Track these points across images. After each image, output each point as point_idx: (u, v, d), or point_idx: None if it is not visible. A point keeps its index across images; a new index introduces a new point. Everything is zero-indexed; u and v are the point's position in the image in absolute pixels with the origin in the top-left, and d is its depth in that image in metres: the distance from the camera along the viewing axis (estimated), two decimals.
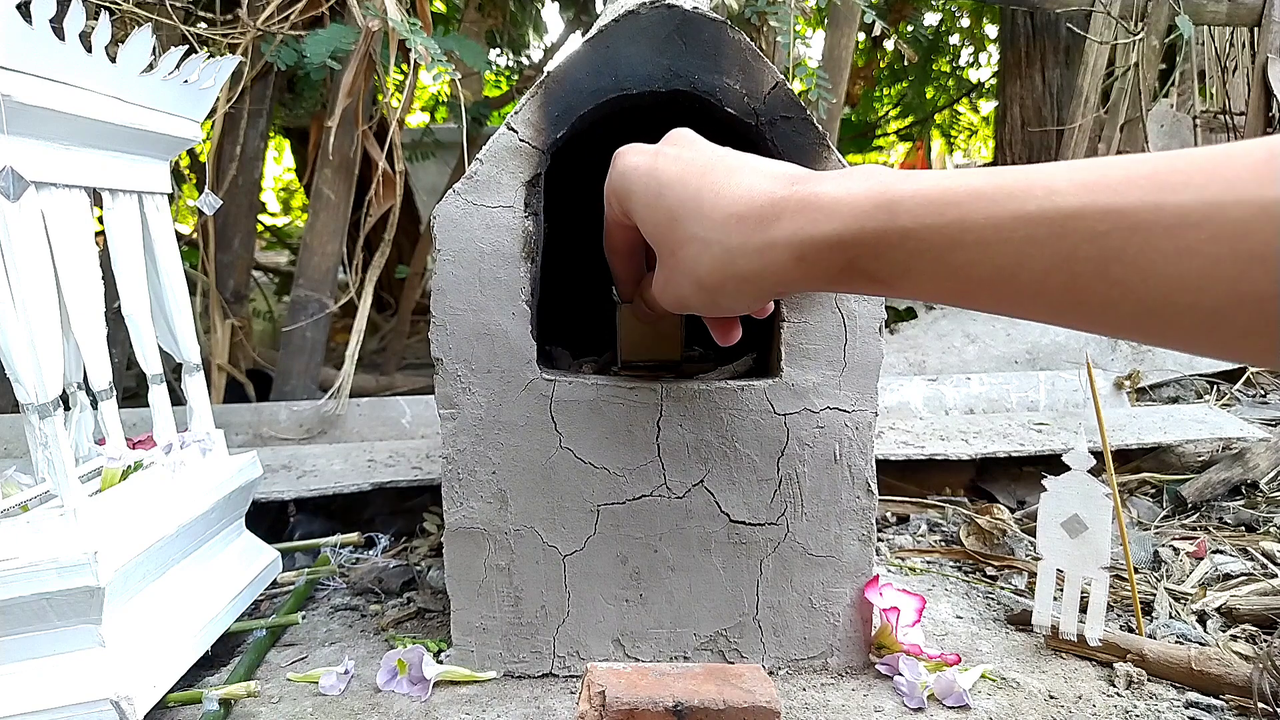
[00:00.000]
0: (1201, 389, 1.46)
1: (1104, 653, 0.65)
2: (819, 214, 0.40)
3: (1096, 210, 0.31)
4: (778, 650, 0.63)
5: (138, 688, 0.55)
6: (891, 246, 0.37)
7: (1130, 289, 0.31)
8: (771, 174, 0.44)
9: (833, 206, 0.39)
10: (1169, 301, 0.30)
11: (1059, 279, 0.33)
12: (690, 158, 0.48)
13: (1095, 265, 0.32)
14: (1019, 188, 0.34)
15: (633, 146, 0.51)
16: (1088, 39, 1.84)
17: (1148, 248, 0.30)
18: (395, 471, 0.94)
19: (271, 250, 2.86)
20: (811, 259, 0.41)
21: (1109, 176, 0.32)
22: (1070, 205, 0.32)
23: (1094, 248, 0.31)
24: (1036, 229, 0.33)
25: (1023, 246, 0.33)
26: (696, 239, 0.45)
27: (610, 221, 0.54)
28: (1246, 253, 0.28)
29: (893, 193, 0.37)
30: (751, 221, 0.42)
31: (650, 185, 0.48)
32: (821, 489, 0.62)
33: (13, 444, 1.04)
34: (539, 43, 2.34)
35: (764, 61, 0.58)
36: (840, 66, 1.68)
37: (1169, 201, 0.30)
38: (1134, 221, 0.30)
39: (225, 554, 0.71)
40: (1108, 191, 0.31)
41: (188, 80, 0.67)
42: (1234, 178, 0.29)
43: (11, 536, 0.53)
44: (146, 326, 0.67)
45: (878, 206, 0.38)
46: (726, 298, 0.47)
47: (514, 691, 0.61)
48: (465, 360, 0.60)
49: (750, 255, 0.43)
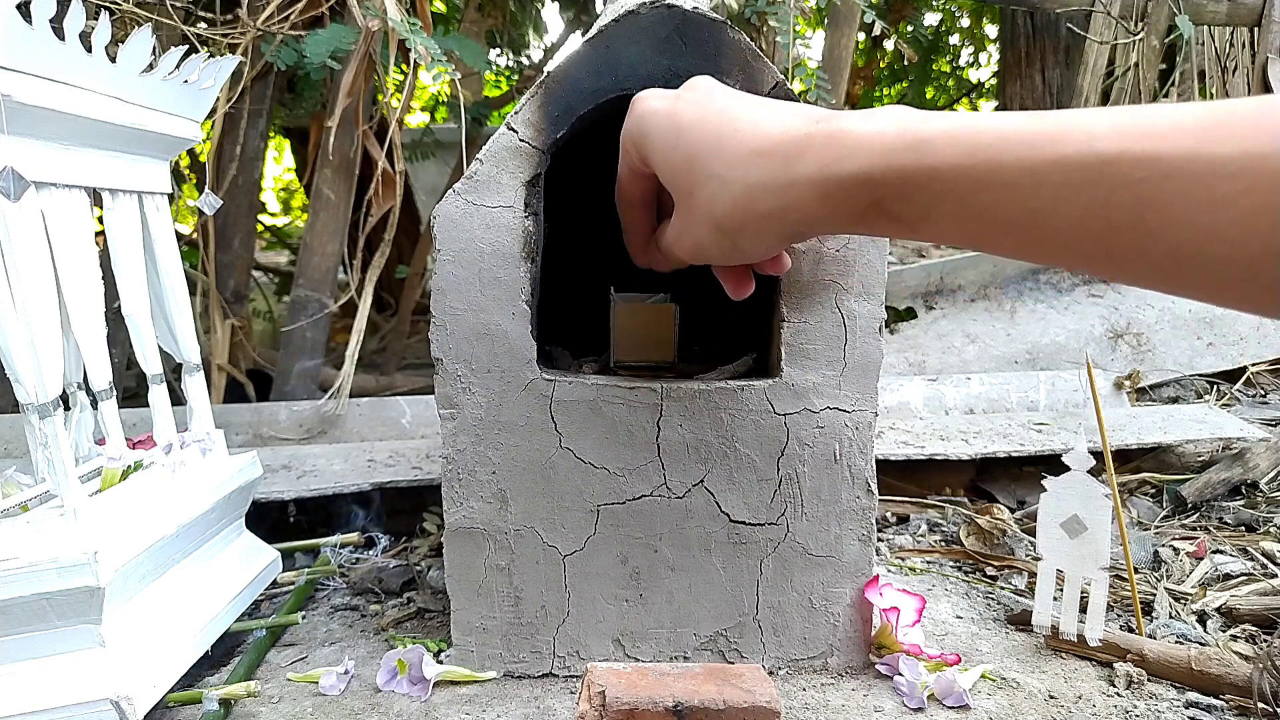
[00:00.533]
0: (1201, 389, 1.46)
1: (1104, 653, 0.65)
2: (844, 150, 0.39)
3: (1134, 156, 0.31)
4: (778, 650, 0.63)
5: (138, 688, 0.55)
6: (919, 186, 0.37)
7: (1163, 237, 0.31)
8: (794, 111, 0.43)
9: (859, 143, 0.38)
10: (1201, 252, 0.30)
11: (1093, 225, 0.32)
12: (710, 100, 0.47)
13: (1130, 213, 0.31)
14: (1057, 132, 0.33)
15: (652, 92, 0.50)
16: (1088, 39, 1.84)
17: (1183, 196, 0.30)
18: (395, 471, 0.94)
19: (271, 250, 2.86)
20: (837, 196, 0.40)
21: (1150, 124, 0.31)
22: (1108, 150, 0.32)
23: (1130, 194, 0.31)
24: (1072, 173, 0.32)
25: (1058, 190, 0.33)
26: (715, 177, 0.44)
27: (625, 170, 0.53)
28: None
29: (923, 131, 0.37)
30: (775, 157, 0.41)
31: (669, 128, 0.47)
32: (821, 489, 0.62)
33: (13, 444, 1.04)
34: (539, 43, 2.34)
35: (764, 61, 0.58)
36: (840, 66, 1.68)
37: (1207, 152, 0.29)
38: (1170, 169, 0.30)
39: (225, 554, 0.71)
40: (1147, 139, 0.31)
41: (188, 80, 0.67)
42: (1275, 130, 0.28)
43: (11, 536, 0.53)
44: (146, 326, 0.67)
45: (907, 145, 0.37)
46: (746, 239, 0.45)
47: (514, 691, 0.61)
48: (465, 360, 0.60)
49: (773, 192, 0.42)
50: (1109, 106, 0.34)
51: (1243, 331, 1.51)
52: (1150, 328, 1.50)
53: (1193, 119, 0.31)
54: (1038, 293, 1.55)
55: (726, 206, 0.44)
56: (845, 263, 0.59)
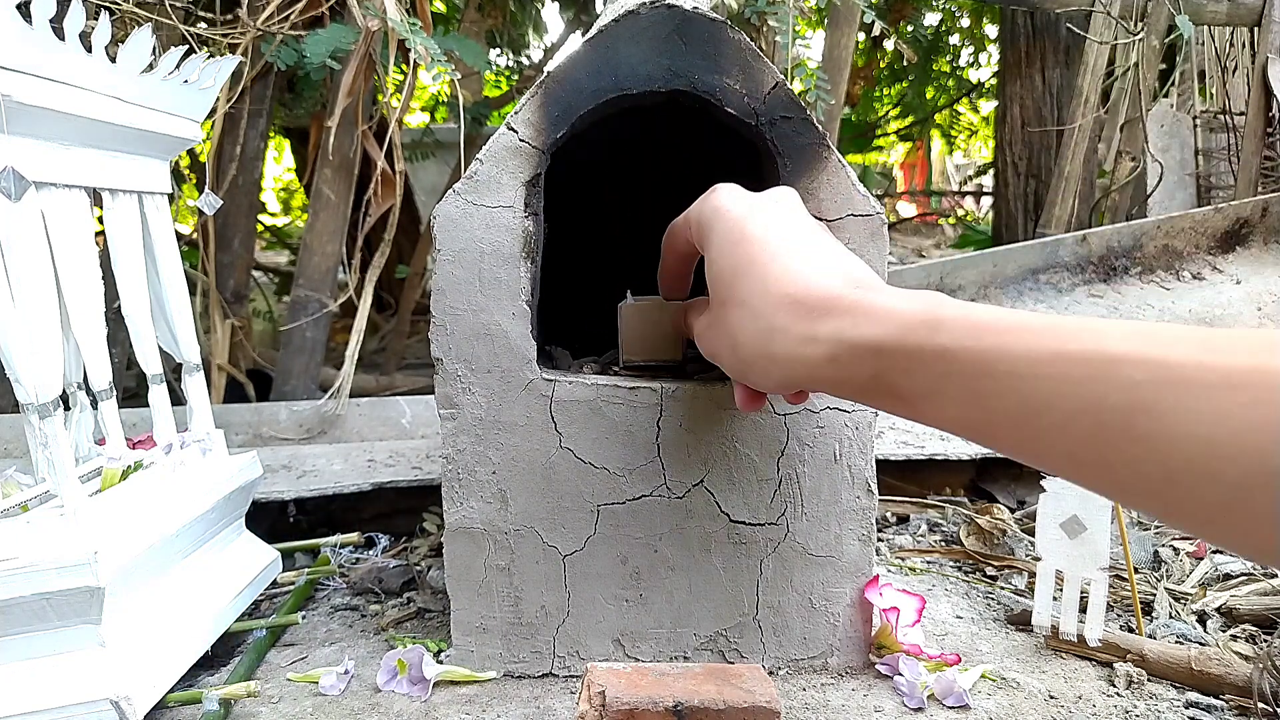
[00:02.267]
0: None
1: (1104, 653, 0.65)
2: (864, 318, 0.40)
3: (1136, 358, 0.30)
4: (778, 650, 0.63)
5: (138, 688, 0.55)
6: (925, 363, 0.37)
7: (1153, 447, 0.29)
8: (841, 266, 0.44)
9: (880, 315, 0.39)
10: (1191, 466, 0.28)
11: (1084, 424, 0.31)
12: (776, 224, 0.47)
13: (1123, 416, 0.30)
14: (1068, 328, 0.33)
15: (732, 187, 0.51)
16: (1088, 39, 1.84)
17: (1180, 405, 0.29)
18: (395, 471, 0.94)
19: (271, 250, 2.86)
20: (844, 361, 0.40)
21: (1159, 333, 0.31)
22: (1112, 350, 0.31)
23: (1125, 396, 0.30)
24: (1072, 367, 0.32)
25: (1055, 384, 0.32)
26: (747, 306, 0.45)
27: (681, 234, 0.54)
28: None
29: (942, 313, 0.37)
30: (803, 309, 0.42)
31: (733, 236, 0.48)
32: (821, 489, 0.62)
33: (13, 444, 1.04)
34: (539, 43, 2.34)
35: (764, 61, 0.58)
36: (840, 66, 1.68)
37: (1211, 361, 0.28)
38: (1172, 375, 0.29)
39: (225, 554, 0.71)
40: (1152, 342, 0.30)
41: (188, 80, 0.67)
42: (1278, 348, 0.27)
43: (11, 536, 0.53)
44: (146, 326, 0.67)
45: (923, 322, 0.37)
46: (754, 373, 0.47)
47: (514, 691, 0.61)
48: (465, 360, 0.60)
49: (789, 341, 0.43)
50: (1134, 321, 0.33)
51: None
52: None
53: (1205, 334, 0.30)
54: (1038, 293, 1.55)
55: (747, 335, 0.46)
56: None
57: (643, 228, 0.71)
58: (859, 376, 0.40)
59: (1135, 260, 1.59)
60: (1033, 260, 1.57)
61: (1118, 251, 1.59)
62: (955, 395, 0.36)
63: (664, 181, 0.81)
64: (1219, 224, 1.62)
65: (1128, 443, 0.30)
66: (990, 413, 0.35)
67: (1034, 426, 0.33)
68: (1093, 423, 0.31)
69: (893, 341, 0.38)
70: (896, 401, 0.39)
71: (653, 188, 0.83)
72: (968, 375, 0.35)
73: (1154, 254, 1.60)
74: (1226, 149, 2.05)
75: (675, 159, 0.81)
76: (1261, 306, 1.55)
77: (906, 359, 0.38)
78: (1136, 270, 1.59)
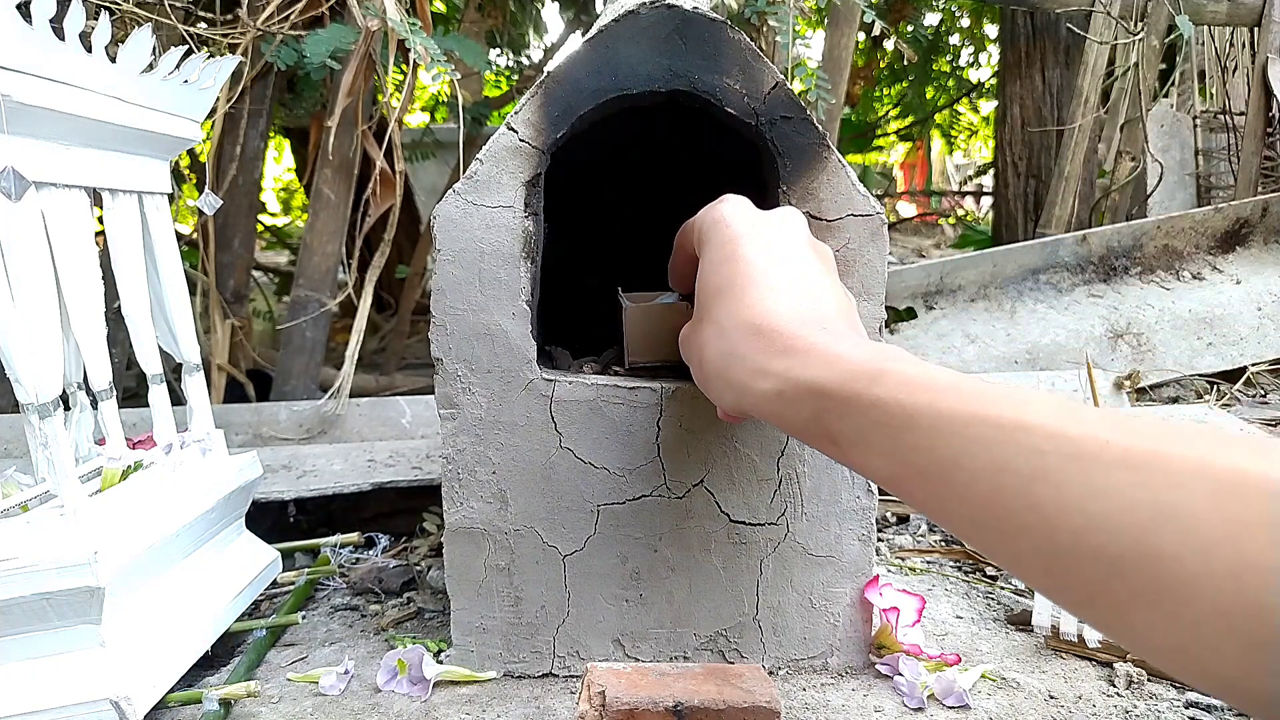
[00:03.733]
0: (1202, 389, 1.46)
1: (1104, 653, 0.65)
2: (816, 362, 0.40)
3: (1050, 429, 0.31)
4: (778, 650, 0.63)
5: (138, 688, 0.55)
6: (860, 411, 0.38)
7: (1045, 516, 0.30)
8: (817, 310, 0.45)
9: (831, 360, 0.40)
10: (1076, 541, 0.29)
11: (986, 486, 0.32)
12: (773, 250, 0.48)
13: (1024, 481, 0.30)
14: (995, 396, 0.33)
15: (739, 200, 0.51)
16: (1088, 39, 1.84)
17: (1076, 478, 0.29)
18: (395, 471, 0.94)
19: (271, 250, 2.86)
20: (789, 397, 0.41)
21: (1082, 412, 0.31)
22: (1029, 420, 0.31)
23: (1028, 463, 0.30)
24: (987, 430, 0.32)
25: (966, 444, 0.33)
26: (718, 325, 0.46)
27: (687, 238, 0.55)
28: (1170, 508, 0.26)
29: (887, 365, 0.38)
30: (763, 342, 0.43)
31: (725, 250, 0.48)
32: (821, 489, 0.62)
33: (13, 444, 1.04)
34: (539, 43, 2.34)
35: (764, 61, 0.58)
36: (840, 66, 1.68)
37: (1117, 440, 0.29)
38: (1076, 449, 0.29)
39: (225, 554, 0.71)
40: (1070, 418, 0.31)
41: (188, 80, 0.67)
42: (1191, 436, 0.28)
43: (11, 536, 0.53)
44: (146, 326, 0.67)
45: (866, 373, 0.38)
46: (711, 390, 0.48)
47: (514, 691, 0.61)
48: (465, 360, 0.60)
49: (744, 371, 0.44)
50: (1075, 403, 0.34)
51: (1242, 332, 1.52)
52: (1150, 328, 1.50)
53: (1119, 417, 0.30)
54: (1038, 293, 1.56)
55: (711, 354, 0.47)
56: (845, 263, 0.60)
57: (643, 228, 0.72)
58: (800, 415, 0.41)
59: (1135, 260, 1.60)
60: (1033, 260, 1.57)
61: (1118, 251, 1.59)
62: (880, 446, 0.37)
63: (664, 181, 0.81)
64: (1219, 224, 1.62)
65: (1024, 509, 0.30)
66: (908, 466, 0.35)
67: (943, 483, 0.34)
68: (993, 485, 0.32)
69: (834, 386, 0.39)
70: (831, 445, 0.40)
71: (653, 188, 0.83)
72: (894, 427, 0.36)
73: (1154, 254, 1.61)
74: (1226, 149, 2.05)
75: (675, 159, 0.81)
76: (1261, 306, 1.55)
77: (844, 405, 0.38)
78: (1136, 270, 1.59)
